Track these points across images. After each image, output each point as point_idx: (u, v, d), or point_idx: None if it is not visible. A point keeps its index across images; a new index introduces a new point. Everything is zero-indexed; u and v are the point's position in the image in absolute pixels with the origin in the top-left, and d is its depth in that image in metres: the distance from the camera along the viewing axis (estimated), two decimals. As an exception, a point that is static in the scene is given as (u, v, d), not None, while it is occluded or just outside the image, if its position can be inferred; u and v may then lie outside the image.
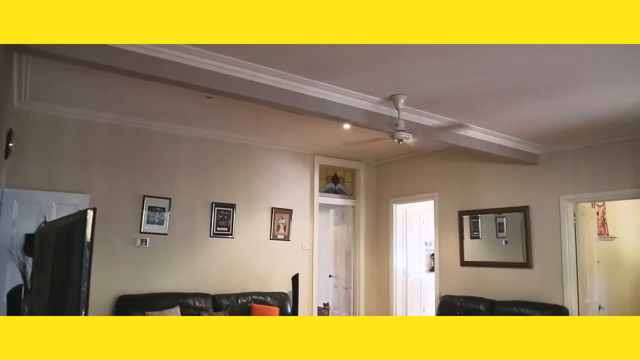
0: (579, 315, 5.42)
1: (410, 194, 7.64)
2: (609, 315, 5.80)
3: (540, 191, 5.87)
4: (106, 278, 5.47)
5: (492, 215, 6.38)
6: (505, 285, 6.07)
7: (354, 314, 7.91)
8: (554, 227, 5.69)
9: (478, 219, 6.58)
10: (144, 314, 5.39)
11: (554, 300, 5.51)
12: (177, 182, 6.17)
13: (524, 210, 5.97)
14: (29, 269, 2.74)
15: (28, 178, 5.16)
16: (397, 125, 4.34)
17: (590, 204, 6.14)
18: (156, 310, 5.47)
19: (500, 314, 5.71)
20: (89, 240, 1.40)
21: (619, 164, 5.28)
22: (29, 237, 4.70)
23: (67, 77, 4.47)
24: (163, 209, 5.99)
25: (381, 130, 4.67)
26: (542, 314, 5.32)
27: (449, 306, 6.40)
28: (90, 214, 1.41)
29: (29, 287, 2.66)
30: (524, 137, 5.56)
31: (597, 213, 6.45)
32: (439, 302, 6.75)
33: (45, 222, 2.77)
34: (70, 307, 1.45)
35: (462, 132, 5.15)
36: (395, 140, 4.42)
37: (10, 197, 4.97)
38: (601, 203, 6.52)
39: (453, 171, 6.94)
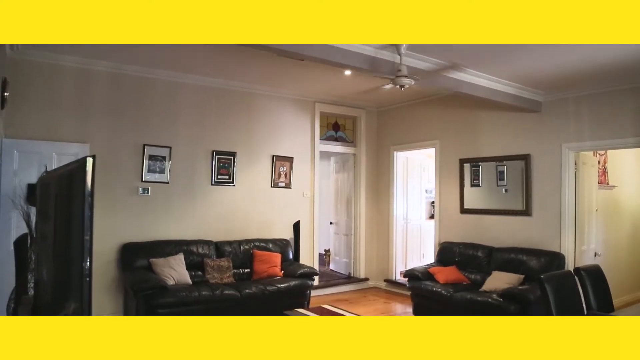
0: (574, 261, 5.53)
1: (411, 142, 7.61)
2: (603, 261, 5.91)
3: (542, 139, 5.83)
4: (110, 227, 5.55)
5: (493, 164, 6.38)
6: (503, 233, 6.16)
7: (354, 260, 8.08)
8: (555, 175, 5.70)
9: (479, 167, 6.58)
10: (148, 261, 5.50)
11: (551, 247, 5.60)
12: (177, 131, 6.13)
13: (525, 158, 5.96)
14: (33, 218, 2.76)
15: (27, 128, 5.12)
16: (399, 70, 4.26)
17: (591, 152, 6.12)
18: (160, 256, 5.57)
19: (498, 260, 5.82)
20: (89, 187, 1.39)
21: (622, 113, 5.22)
22: (31, 187, 4.72)
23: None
24: (164, 158, 5.98)
25: (383, 77, 4.58)
26: (538, 260, 5.42)
27: (448, 252, 6.52)
28: (89, 161, 1.40)
29: (34, 236, 2.69)
30: (527, 84, 5.47)
31: (599, 162, 6.44)
32: (438, 248, 6.87)
33: (46, 171, 2.76)
34: (76, 256, 1.47)
35: (464, 76, 5.05)
36: (397, 87, 4.36)
37: (9, 147, 4.95)
38: (603, 152, 6.49)
39: (455, 118, 6.88)
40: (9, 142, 4.95)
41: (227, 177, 6.53)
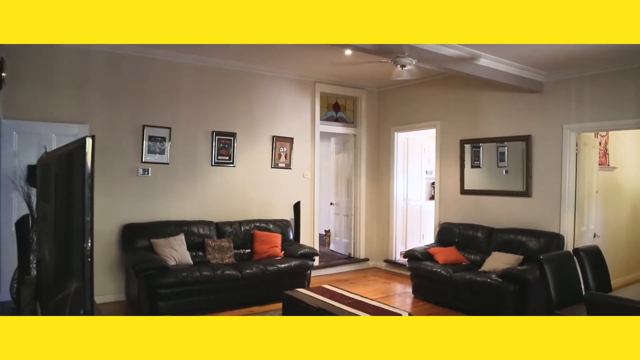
0: (574, 241, 5.55)
1: (412, 122, 7.59)
2: (602, 242, 5.94)
3: (544, 120, 5.81)
4: (111, 207, 5.57)
5: (494, 145, 6.36)
6: (503, 214, 6.18)
7: (355, 240, 8.12)
8: (556, 156, 5.69)
9: (479, 148, 6.57)
10: (149, 242, 5.53)
11: (551, 228, 5.62)
12: (177, 112, 6.10)
13: (526, 139, 5.94)
14: (34, 199, 2.77)
15: (26, 109, 5.09)
16: (402, 51, 4.22)
17: (593, 133, 6.10)
18: (161, 237, 5.60)
19: (497, 240, 5.85)
20: (89, 167, 1.39)
21: (624, 94, 5.18)
22: (31, 168, 4.73)
23: None
24: (163, 139, 5.97)
25: (385, 57, 4.54)
26: (538, 241, 5.45)
27: (447, 233, 6.54)
28: (89, 141, 1.39)
29: (35, 217, 2.70)
30: (529, 65, 5.42)
31: (600, 143, 6.42)
32: (438, 229, 6.90)
33: (45, 152, 2.76)
34: (77, 237, 1.47)
35: (466, 57, 5.00)
36: (398, 67, 4.32)
37: (8, 128, 4.94)
38: (604, 133, 6.47)
39: (456, 99, 6.84)
40: (8, 123, 4.93)
41: (228, 157, 6.53)
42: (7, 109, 4.95)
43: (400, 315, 3.53)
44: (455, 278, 5.43)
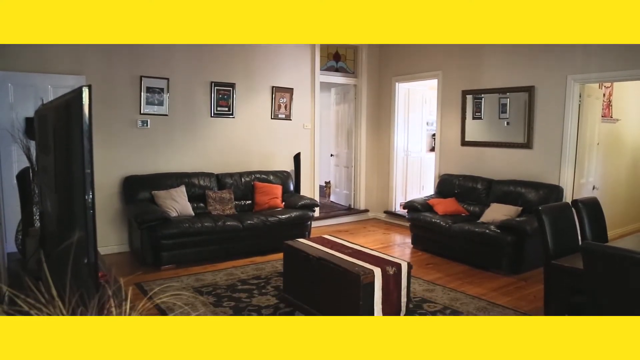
0: (572, 194, 5.58)
1: (413, 72, 7.46)
2: (601, 194, 5.97)
3: (548, 71, 5.69)
4: (111, 159, 5.57)
5: (496, 96, 6.28)
6: (503, 166, 6.18)
7: (355, 192, 8.17)
8: (558, 108, 5.62)
9: (481, 99, 6.48)
10: (150, 193, 5.56)
11: (551, 180, 5.63)
12: (175, 62, 5.98)
13: (529, 90, 5.85)
14: (33, 152, 2.76)
15: (20, 60, 4.98)
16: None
17: (597, 85, 6.00)
18: (162, 189, 5.63)
19: (497, 192, 5.88)
20: (87, 117, 1.37)
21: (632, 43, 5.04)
22: (29, 121, 4.68)
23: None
24: (162, 90, 5.88)
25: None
26: (537, 192, 5.47)
27: (447, 184, 6.57)
28: (85, 90, 1.37)
29: (36, 169, 2.69)
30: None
31: (604, 94, 6.32)
32: (437, 180, 6.92)
33: (42, 104, 2.72)
34: (78, 189, 1.47)
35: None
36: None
37: (3, 79, 4.86)
38: (609, 84, 6.36)
39: (459, 48, 6.69)
40: (2, 74, 4.85)
41: (227, 108, 6.46)
42: (0, 59, 4.85)
43: (400, 264, 3.59)
44: (453, 229, 5.50)
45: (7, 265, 2.73)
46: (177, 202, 5.55)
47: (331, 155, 8.88)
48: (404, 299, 3.66)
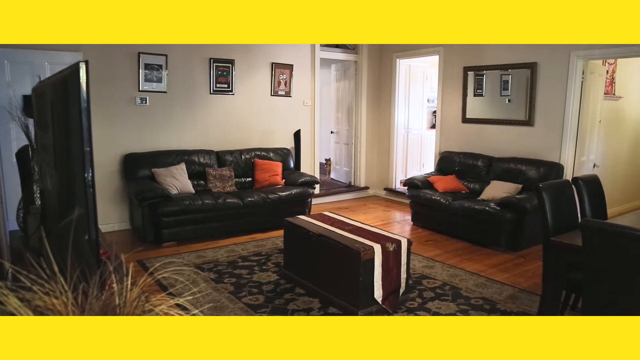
0: (573, 171, 5.58)
1: (414, 49, 7.38)
2: (602, 172, 5.96)
3: (551, 47, 5.63)
4: (110, 137, 5.55)
5: (498, 72, 6.22)
6: (504, 143, 6.16)
7: (355, 169, 8.17)
8: (560, 84, 5.57)
9: (483, 75, 6.43)
10: (151, 171, 5.56)
11: (551, 157, 5.62)
12: (173, 37, 5.90)
13: (532, 66, 5.79)
14: (32, 129, 2.75)
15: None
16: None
17: (601, 61, 5.93)
18: (162, 167, 5.63)
19: (497, 169, 5.88)
20: (84, 93, 1.36)
21: None
22: (26, 98, 4.65)
23: None
24: (160, 67, 5.83)
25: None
26: (537, 170, 5.47)
27: (447, 162, 6.56)
28: (82, 66, 1.35)
29: (35, 147, 2.69)
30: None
31: (607, 71, 6.26)
32: (438, 157, 6.91)
33: (40, 81, 2.70)
34: (77, 167, 1.47)
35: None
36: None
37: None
38: (612, 61, 6.29)
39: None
40: (-2, 50, 4.79)
41: (226, 85, 6.41)
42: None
43: (400, 241, 3.61)
44: (453, 206, 5.51)
45: (10, 242, 2.74)
46: (178, 180, 5.56)
47: (331, 132, 8.85)
48: (403, 275, 3.69)
